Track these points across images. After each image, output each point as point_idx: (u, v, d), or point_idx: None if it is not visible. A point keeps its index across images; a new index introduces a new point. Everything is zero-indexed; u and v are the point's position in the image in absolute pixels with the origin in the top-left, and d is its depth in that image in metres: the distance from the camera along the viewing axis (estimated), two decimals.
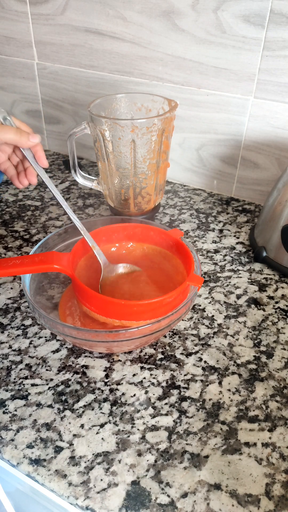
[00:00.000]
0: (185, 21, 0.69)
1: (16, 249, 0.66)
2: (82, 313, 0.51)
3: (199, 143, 0.79)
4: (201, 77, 0.73)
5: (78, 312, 0.52)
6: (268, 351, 0.50)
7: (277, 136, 0.71)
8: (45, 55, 0.87)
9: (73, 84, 0.87)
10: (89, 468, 0.39)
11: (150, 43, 0.74)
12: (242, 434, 0.42)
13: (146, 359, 0.49)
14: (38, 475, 0.38)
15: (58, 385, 0.46)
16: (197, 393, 0.45)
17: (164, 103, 0.64)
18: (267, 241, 0.63)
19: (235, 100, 0.72)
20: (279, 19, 0.62)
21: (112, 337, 0.44)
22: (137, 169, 0.63)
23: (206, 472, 0.39)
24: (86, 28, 0.79)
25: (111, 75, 0.81)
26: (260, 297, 0.58)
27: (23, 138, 0.51)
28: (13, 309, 0.56)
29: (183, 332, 0.53)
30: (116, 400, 0.45)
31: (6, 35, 0.89)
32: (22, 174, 0.55)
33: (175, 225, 0.73)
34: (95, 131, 0.61)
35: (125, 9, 0.73)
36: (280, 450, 0.40)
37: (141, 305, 0.46)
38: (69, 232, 0.57)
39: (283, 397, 0.45)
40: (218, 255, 0.66)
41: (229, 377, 0.47)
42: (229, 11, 0.65)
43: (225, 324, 0.54)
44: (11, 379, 0.47)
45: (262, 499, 0.37)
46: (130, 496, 0.37)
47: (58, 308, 0.53)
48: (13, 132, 0.50)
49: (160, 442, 0.41)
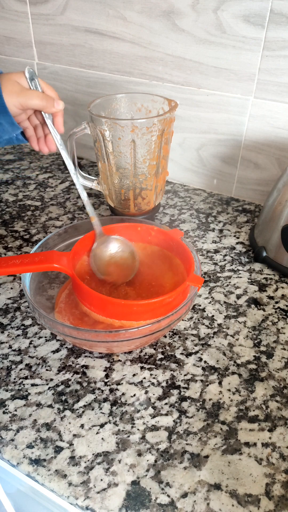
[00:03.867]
0: (185, 21, 0.69)
1: (16, 249, 0.66)
2: (75, 307, 0.52)
3: (199, 143, 0.79)
4: (201, 77, 0.73)
5: (72, 307, 0.52)
6: (268, 351, 0.50)
7: (277, 136, 0.71)
8: (45, 55, 0.87)
9: (73, 84, 0.87)
10: (89, 468, 0.39)
11: (150, 43, 0.74)
12: (242, 434, 0.42)
13: (146, 359, 0.49)
14: (38, 475, 0.38)
15: (58, 385, 0.46)
16: (197, 393, 0.45)
17: (164, 103, 0.64)
18: (267, 241, 0.63)
19: (235, 100, 0.72)
20: (279, 19, 0.62)
21: (112, 337, 0.44)
22: (137, 170, 0.63)
23: (206, 472, 0.39)
24: (86, 28, 0.79)
25: (111, 75, 0.81)
26: (260, 297, 0.58)
27: (48, 103, 0.50)
28: (13, 309, 0.56)
29: (183, 332, 0.53)
30: (116, 400, 0.45)
31: (6, 35, 0.89)
32: (42, 140, 0.55)
33: (175, 225, 0.73)
34: (95, 131, 0.61)
35: (125, 9, 0.73)
36: (280, 450, 0.40)
37: (141, 305, 0.46)
38: (69, 232, 0.57)
39: (283, 397, 0.45)
40: (218, 255, 0.66)
41: (229, 377, 0.47)
42: (229, 11, 0.65)
43: (225, 324, 0.54)
44: (11, 379, 0.47)
45: (262, 499, 0.37)
46: (130, 496, 0.37)
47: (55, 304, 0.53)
48: (39, 97, 0.49)
49: (160, 442, 0.41)
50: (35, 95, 0.49)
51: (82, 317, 0.50)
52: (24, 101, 0.48)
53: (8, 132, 0.50)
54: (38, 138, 0.55)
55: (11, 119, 0.48)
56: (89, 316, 0.49)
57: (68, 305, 0.52)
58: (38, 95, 0.49)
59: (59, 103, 0.51)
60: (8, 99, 0.47)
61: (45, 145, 0.55)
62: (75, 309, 0.51)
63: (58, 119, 0.53)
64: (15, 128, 0.50)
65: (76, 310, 0.51)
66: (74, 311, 0.51)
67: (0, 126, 0.49)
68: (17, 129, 0.51)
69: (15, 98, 0.48)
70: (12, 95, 0.48)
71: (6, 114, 0.48)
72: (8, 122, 0.49)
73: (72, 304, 0.52)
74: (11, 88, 0.48)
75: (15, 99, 0.48)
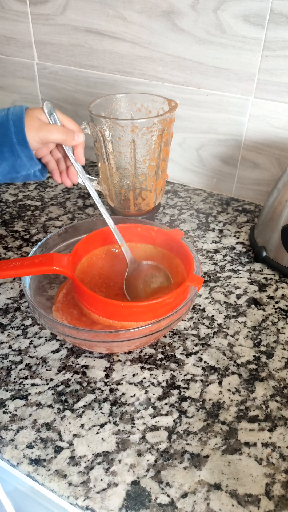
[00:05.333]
0: (185, 21, 0.69)
1: (16, 249, 0.66)
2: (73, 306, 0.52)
3: (199, 143, 0.79)
4: (201, 77, 0.73)
5: (70, 307, 0.52)
6: (268, 351, 0.50)
7: (277, 136, 0.71)
8: (45, 55, 0.87)
9: (73, 84, 0.87)
10: (89, 468, 0.39)
11: (150, 43, 0.74)
12: (242, 434, 0.42)
13: (146, 359, 0.49)
14: (38, 475, 0.38)
15: (58, 385, 0.46)
16: (197, 393, 0.45)
17: (164, 103, 0.64)
18: (267, 241, 0.63)
19: (235, 100, 0.72)
20: (279, 19, 0.62)
21: (112, 337, 0.44)
22: (137, 170, 0.63)
23: (206, 472, 0.39)
24: (86, 28, 0.79)
25: (111, 75, 0.81)
26: (260, 297, 0.58)
27: (69, 137, 0.50)
28: (13, 309, 0.56)
29: (183, 332, 0.53)
30: (116, 400, 0.45)
31: (6, 35, 0.89)
32: (64, 173, 0.55)
33: (175, 225, 0.73)
34: (95, 131, 0.61)
35: (125, 9, 0.73)
36: (280, 450, 0.40)
37: (141, 306, 0.46)
38: (69, 232, 0.57)
39: (283, 397, 0.45)
40: (218, 255, 0.66)
41: (229, 377, 0.47)
42: (229, 11, 0.65)
43: (225, 324, 0.54)
44: (11, 379, 0.47)
45: (262, 499, 0.37)
46: (130, 496, 0.37)
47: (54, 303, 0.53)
48: (60, 132, 0.49)
49: (160, 442, 0.41)
50: (55, 129, 0.49)
51: (80, 317, 0.50)
52: (44, 136, 0.48)
53: (26, 167, 0.50)
54: (61, 172, 0.55)
55: (31, 153, 0.48)
56: (87, 316, 0.49)
57: (65, 305, 0.52)
58: (58, 129, 0.49)
59: (79, 135, 0.51)
60: (28, 134, 0.47)
61: (67, 178, 0.55)
62: (73, 309, 0.52)
63: (79, 150, 0.53)
64: (33, 163, 0.50)
65: (74, 310, 0.51)
66: (72, 311, 0.51)
67: (19, 160, 0.48)
68: (35, 165, 0.50)
69: (34, 133, 0.48)
70: (32, 130, 0.47)
71: (26, 148, 0.47)
72: (27, 156, 0.48)
73: (70, 304, 0.52)
74: (32, 123, 0.48)
75: (35, 134, 0.48)
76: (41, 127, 0.48)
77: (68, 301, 0.53)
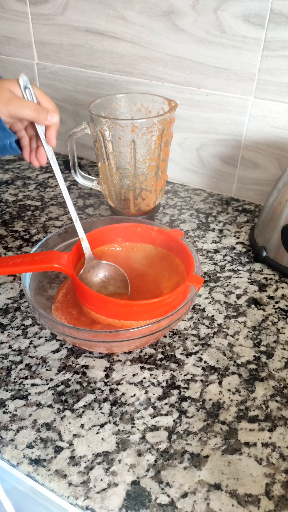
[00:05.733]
0: (185, 21, 0.69)
1: (16, 249, 0.66)
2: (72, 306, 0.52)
3: (199, 143, 0.79)
4: (201, 77, 0.73)
5: (69, 307, 0.52)
6: (268, 351, 0.50)
7: (277, 136, 0.71)
8: (45, 55, 0.87)
9: (73, 84, 0.87)
10: (89, 468, 0.39)
11: (150, 43, 0.74)
12: (242, 434, 0.42)
13: (146, 359, 0.49)
14: (38, 475, 0.38)
15: (58, 385, 0.46)
16: (197, 393, 0.45)
17: (164, 103, 0.64)
18: (267, 241, 0.63)
19: (235, 100, 0.72)
20: (279, 19, 0.62)
21: (112, 337, 0.44)
22: (137, 170, 0.63)
23: (206, 472, 0.39)
24: (86, 28, 0.79)
25: (111, 75, 0.81)
26: (260, 297, 0.58)
27: (41, 116, 0.46)
28: (13, 309, 0.56)
29: (183, 332, 0.53)
30: (116, 400, 0.45)
31: (6, 35, 0.89)
32: (33, 153, 0.52)
33: (175, 225, 0.73)
34: (95, 131, 0.61)
35: (125, 9, 0.73)
36: (280, 450, 0.40)
37: (141, 305, 0.46)
38: (69, 232, 0.57)
39: (283, 397, 0.45)
40: (218, 255, 0.66)
41: (229, 377, 0.47)
42: (229, 11, 0.65)
43: (225, 324, 0.54)
44: (11, 379, 0.47)
45: (262, 499, 0.37)
46: (130, 496, 0.37)
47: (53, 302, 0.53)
48: (32, 109, 0.46)
49: (160, 442, 0.41)
50: (26, 105, 0.46)
51: (79, 317, 0.50)
52: (14, 110, 0.45)
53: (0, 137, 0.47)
54: (31, 150, 0.52)
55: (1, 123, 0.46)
56: (86, 316, 0.49)
57: (64, 304, 0.52)
58: (29, 106, 0.46)
59: (52, 115, 0.47)
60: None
61: (35, 158, 0.52)
62: (72, 308, 0.51)
63: (51, 131, 0.49)
64: (6, 133, 0.47)
65: (73, 310, 0.51)
66: (71, 310, 0.51)
67: None
68: (9, 136, 0.48)
69: (3, 106, 0.45)
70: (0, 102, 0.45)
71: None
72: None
73: (69, 304, 0.52)
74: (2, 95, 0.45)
75: (3, 107, 0.45)
76: (11, 101, 0.45)
77: (67, 301, 0.53)
